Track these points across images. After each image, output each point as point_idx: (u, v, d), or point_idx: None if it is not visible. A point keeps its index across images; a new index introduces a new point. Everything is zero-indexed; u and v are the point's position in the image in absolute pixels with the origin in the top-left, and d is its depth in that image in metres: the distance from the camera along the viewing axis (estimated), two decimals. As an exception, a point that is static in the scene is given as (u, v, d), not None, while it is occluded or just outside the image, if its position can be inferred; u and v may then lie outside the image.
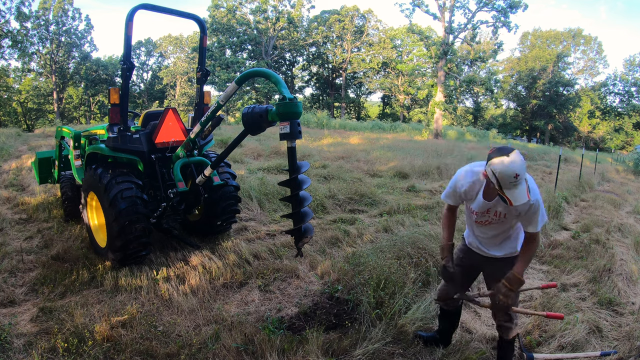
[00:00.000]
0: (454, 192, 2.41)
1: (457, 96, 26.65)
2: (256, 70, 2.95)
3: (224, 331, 2.87)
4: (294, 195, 2.83)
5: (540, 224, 2.21)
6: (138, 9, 3.66)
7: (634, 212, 7.84)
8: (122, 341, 2.71)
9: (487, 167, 2.05)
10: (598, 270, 4.23)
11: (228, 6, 36.03)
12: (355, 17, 40.38)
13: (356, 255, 4.05)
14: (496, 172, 1.98)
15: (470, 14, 23.92)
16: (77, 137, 4.57)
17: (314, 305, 3.27)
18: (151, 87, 44.06)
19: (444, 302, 2.71)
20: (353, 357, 2.63)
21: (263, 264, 4.09)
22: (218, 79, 33.36)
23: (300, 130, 2.71)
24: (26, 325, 2.96)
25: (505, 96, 46.00)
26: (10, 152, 10.46)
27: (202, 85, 4.43)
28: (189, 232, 4.83)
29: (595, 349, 2.93)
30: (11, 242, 4.57)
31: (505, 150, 2.01)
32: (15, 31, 28.66)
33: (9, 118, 34.86)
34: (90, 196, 4.11)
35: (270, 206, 6.06)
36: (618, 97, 44.52)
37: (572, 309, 3.42)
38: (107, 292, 3.45)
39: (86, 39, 37.62)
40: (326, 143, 14.80)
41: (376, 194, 7.01)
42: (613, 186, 11.15)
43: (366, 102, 48.70)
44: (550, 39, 44.46)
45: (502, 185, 1.99)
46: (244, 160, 10.39)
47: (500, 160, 1.97)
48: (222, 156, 3.48)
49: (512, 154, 1.98)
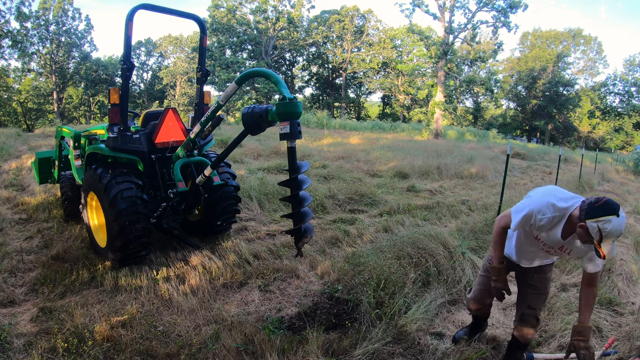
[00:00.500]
0: (528, 221, 2.19)
1: (457, 96, 26.65)
2: (256, 70, 2.95)
3: (224, 331, 2.87)
4: (294, 195, 2.83)
5: (601, 263, 2.17)
6: (138, 9, 3.66)
7: (634, 212, 7.83)
8: (122, 341, 2.71)
9: (590, 221, 1.94)
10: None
11: (228, 6, 36.03)
12: (355, 17, 40.38)
13: (356, 255, 4.05)
14: (605, 230, 1.90)
15: (470, 14, 23.93)
16: (77, 137, 4.57)
17: (314, 305, 3.27)
18: (151, 87, 44.06)
19: (477, 311, 2.79)
20: (353, 357, 2.63)
21: (263, 264, 4.09)
22: (218, 79, 33.37)
23: (300, 130, 2.71)
24: (26, 325, 2.96)
25: (505, 96, 46.01)
26: (10, 152, 10.47)
27: (202, 85, 4.43)
28: (189, 232, 4.83)
29: (595, 349, 2.93)
30: (11, 242, 4.57)
31: (614, 208, 1.93)
32: (15, 31, 28.66)
33: (9, 118, 34.86)
34: (90, 196, 4.11)
35: (270, 206, 6.06)
36: (618, 97, 44.57)
37: (572, 309, 3.42)
38: (107, 292, 3.45)
39: (86, 39, 37.66)
40: (326, 143, 14.80)
41: (376, 194, 7.01)
42: (613, 186, 11.15)
43: (366, 102, 48.70)
44: (550, 39, 44.46)
45: (603, 241, 1.93)
46: (244, 160, 10.39)
47: (610, 220, 1.90)
48: (222, 156, 3.48)
49: (621, 212, 1.93)
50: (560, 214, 2.11)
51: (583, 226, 1.97)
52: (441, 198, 7.38)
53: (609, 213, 1.90)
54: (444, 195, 7.85)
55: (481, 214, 5.98)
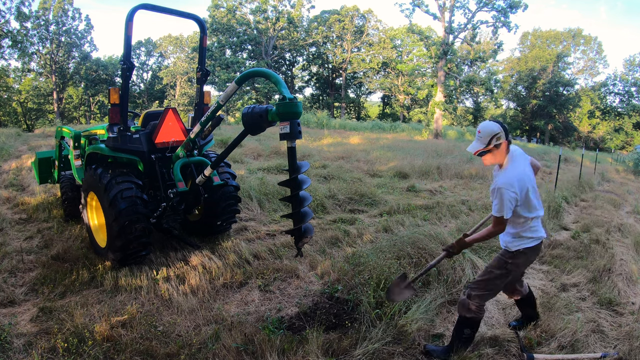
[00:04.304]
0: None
1: (457, 96, 26.63)
2: (256, 70, 2.95)
3: (224, 331, 2.87)
4: (294, 195, 2.83)
5: (497, 210, 2.45)
6: (138, 9, 3.66)
7: (634, 212, 7.83)
8: (122, 341, 2.72)
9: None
10: (598, 270, 4.23)
11: (228, 6, 36.02)
12: (355, 17, 40.37)
13: (356, 255, 4.05)
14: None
15: (470, 14, 23.92)
16: (77, 137, 4.57)
17: (314, 305, 3.27)
18: (151, 87, 44.04)
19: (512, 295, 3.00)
20: (353, 357, 2.63)
21: (263, 264, 4.09)
22: (218, 79, 33.36)
23: (300, 130, 2.72)
24: (26, 325, 2.96)
25: (505, 96, 45.99)
26: (10, 152, 10.46)
27: (202, 85, 4.43)
28: (189, 232, 4.83)
29: (595, 349, 2.93)
30: (11, 242, 4.57)
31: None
32: (15, 31, 28.63)
33: (9, 118, 34.86)
34: (90, 196, 4.11)
35: (270, 206, 6.06)
36: (618, 97, 44.54)
37: (572, 309, 3.42)
38: (107, 292, 3.45)
39: (86, 39, 37.62)
40: (326, 143, 14.80)
41: (376, 194, 7.01)
42: (613, 186, 11.15)
43: (366, 102, 48.69)
44: (550, 39, 44.44)
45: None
46: (244, 160, 10.39)
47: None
48: (222, 156, 3.48)
49: (492, 120, 2.51)
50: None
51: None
52: (441, 198, 7.38)
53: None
54: (444, 195, 7.85)
55: (481, 214, 5.99)
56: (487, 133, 2.47)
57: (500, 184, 2.42)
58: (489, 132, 2.47)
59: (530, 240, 2.58)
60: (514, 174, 2.45)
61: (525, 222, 2.56)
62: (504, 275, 2.62)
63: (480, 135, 2.50)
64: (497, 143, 2.48)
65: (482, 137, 2.49)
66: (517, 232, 2.60)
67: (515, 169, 2.48)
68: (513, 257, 2.60)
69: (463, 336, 2.67)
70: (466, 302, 2.63)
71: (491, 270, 2.65)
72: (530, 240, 2.59)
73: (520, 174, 2.47)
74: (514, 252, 2.60)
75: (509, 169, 2.50)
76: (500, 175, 2.49)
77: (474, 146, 2.53)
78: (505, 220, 2.47)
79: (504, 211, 2.42)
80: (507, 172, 2.48)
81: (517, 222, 2.57)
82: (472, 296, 2.62)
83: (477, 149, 2.51)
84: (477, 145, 2.51)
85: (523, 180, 2.46)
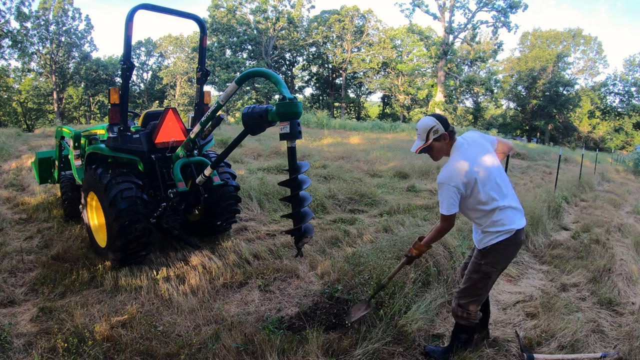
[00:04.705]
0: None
1: (457, 96, 26.66)
2: (256, 70, 2.95)
3: (224, 331, 2.87)
4: (294, 195, 2.83)
5: (441, 206, 2.38)
6: (138, 9, 3.66)
7: (634, 212, 7.84)
8: (122, 341, 2.71)
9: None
10: (598, 270, 4.23)
11: (228, 6, 36.03)
12: (355, 17, 40.37)
13: (356, 255, 4.05)
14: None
15: (470, 14, 23.95)
16: (77, 137, 4.57)
17: (314, 305, 3.27)
18: (151, 87, 44.05)
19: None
20: (353, 357, 2.63)
21: (263, 264, 4.09)
22: (218, 79, 33.38)
23: (300, 130, 2.72)
24: (26, 325, 2.96)
25: (505, 96, 46.00)
26: (10, 152, 10.46)
27: (202, 85, 4.43)
28: (189, 232, 4.83)
29: (595, 349, 2.93)
30: (11, 242, 4.57)
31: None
32: (15, 31, 28.66)
33: (9, 118, 34.87)
34: (90, 196, 4.11)
35: (270, 206, 6.06)
36: (618, 97, 44.57)
37: (572, 309, 3.42)
38: (107, 292, 3.45)
39: (86, 39, 37.66)
40: (326, 143, 14.79)
41: (376, 194, 7.01)
42: (613, 186, 11.15)
43: (366, 102, 48.69)
44: (550, 39, 44.46)
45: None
46: (244, 160, 10.39)
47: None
48: (222, 156, 3.48)
49: (430, 114, 2.47)
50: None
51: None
52: (441, 198, 7.36)
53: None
54: (444, 195, 7.83)
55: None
56: (423, 128, 2.41)
57: (440, 179, 2.36)
58: (425, 127, 2.40)
59: (497, 235, 2.38)
60: (455, 166, 2.34)
61: (486, 216, 2.40)
62: (483, 279, 2.47)
63: (418, 132, 2.44)
64: (436, 136, 2.40)
65: (420, 133, 2.43)
66: (481, 228, 2.47)
67: (457, 161, 2.36)
68: (483, 256, 2.46)
69: (461, 340, 2.64)
70: (457, 310, 2.56)
71: (470, 276, 2.53)
72: (498, 234, 2.39)
73: (464, 165, 2.33)
74: (482, 251, 2.46)
75: (450, 161, 2.41)
76: (442, 169, 2.40)
77: (415, 145, 2.46)
78: (451, 216, 2.37)
79: (444, 207, 2.34)
80: (447, 165, 2.39)
81: (476, 216, 2.45)
82: (461, 304, 2.54)
83: (418, 147, 2.44)
84: (418, 143, 2.45)
85: (468, 171, 2.31)
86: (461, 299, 2.54)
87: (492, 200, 2.37)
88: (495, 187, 2.39)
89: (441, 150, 2.47)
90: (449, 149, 2.47)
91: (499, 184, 2.42)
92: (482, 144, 2.50)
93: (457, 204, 2.35)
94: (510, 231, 2.39)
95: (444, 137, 2.42)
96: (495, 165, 2.45)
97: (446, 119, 2.46)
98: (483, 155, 2.43)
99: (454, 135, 2.47)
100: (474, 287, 2.50)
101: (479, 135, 2.59)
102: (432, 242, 2.67)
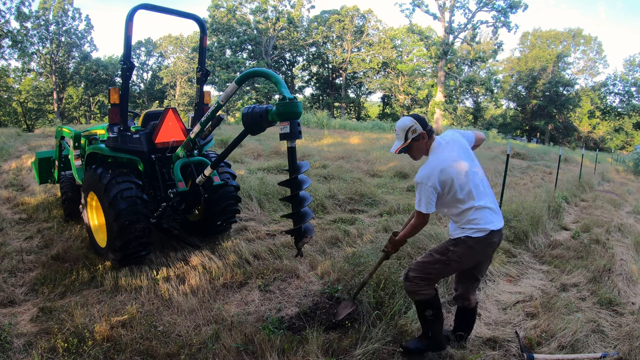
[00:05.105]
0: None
1: (457, 96, 26.67)
2: (256, 70, 2.95)
3: (224, 331, 2.87)
4: (294, 195, 2.83)
5: (416, 203, 2.42)
6: (138, 9, 3.66)
7: (634, 212, 7.83)
8: (122, 341, 2.71)
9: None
10: (598, 270, 4.23)
11: (228, 6, 36.03)
12: (355, 17, 40.37)
13: (356, 255, 4.05)
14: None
15: (470, 14, 23.94)
16: (77, 137, 4.57)
17: (314, 305, 3.27)
18: (151, 87, 44.06)
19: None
20: (353, 357, 2.63)
21: (263, 264, 4.09)
22: (218, 79, 33.37)
23: (300, 130, 2.72)
24: (26, 325, 2.96)
25: (505, 96, 46.00)
26: (10, 152, 10.46)
27: (202, 85, 4.42)
28: (189, 232, 4.83)
29: (595, 349, 2.93)
30: (11, 242, 4.57)
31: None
32: (15, 31, 28.66)
33: (9, 118, 34.87)
34: (90, 196, 4.11)
35: (270, 206, 6.06)
36: (618, 97, 44.57)
37: (572, 309, 3.42)
38: (107, 292, 3.45)
39: (86, 39, 37.67)
40: (326, 143, 14.79)
41: (376, 194, 7.01)
42: (613, 186, 11.15)
43: (366, 102, 48.69)
44: (550, 39, 44.47)
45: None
46: (244, 160, 10.39)
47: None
48: (222, 156, 3.48)
49: (409, 115, 2.51)
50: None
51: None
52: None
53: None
54: (444, 195, 7.83)
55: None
56: (401, 128, 2.45)
57: (417, 178, 2.39)
58: (404, 127, 2.44)
59: (473, 231, 2.40)
60: (432, 166, 2.37)
61: (462, 214, 2.43)
62: (443, 262, 2.47)
63: (397, 133, 2.48)
64: (414, 136, 2.44)
65: (398, 134, 2.48)
66: (456, 224, 2.49)
67: (434, 160, 2.40)
68: (455, 244, 2.46)
69: (428, 319, 2.57)
70: (406, 284, 2.57)
71: (432, 253, 2.55)
72: (473, 231, 2.40)
73: (441, 164, 2.36)
74: (456, 239, 2.47)
75: (428, 160, 2.44)
76: (420, 169, 2.43)
77: (395, 145, 2.50)
78: (426, 214, 2.41)
79: (422, 206, 2.38)
80: (425, 165, 2.42)
81: (454, 212, 2.47)
82: (409, 277, 2.53)
83: (397, 147, 2.48)
84: (397, 143, 2.49)
85: (445, 170, 2.34)
86: (411, 271, 2.55)
87: (469, 199, 2.40)
88: (473, 187, 2.41)
89: (420, 149, 2.52)
90: (427, 148, 2.50)
91: (477, 184, 2.44)
92: (461, 144, 2.54)
93: (434, 202, 2.39)
94: (485, 230, 2.41)
95: (422, 136, 2.46)
96: (473, 165, 2.49)
97: (424, 119, 2.50)
98: (461, 155, 2.47)
99: (432, 135, 2.50)
100: (429, 265, 2.51)
101: (459, 133, 2.62)
102: (407, 238, 2.70)
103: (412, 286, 2.53)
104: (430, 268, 2.51)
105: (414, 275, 2.53)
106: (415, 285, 2.52)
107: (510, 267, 4.32)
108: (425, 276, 2.51)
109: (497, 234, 2.46)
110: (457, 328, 2.87)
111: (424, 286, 2.52)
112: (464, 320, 2.85)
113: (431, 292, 2.54)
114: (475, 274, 2.67)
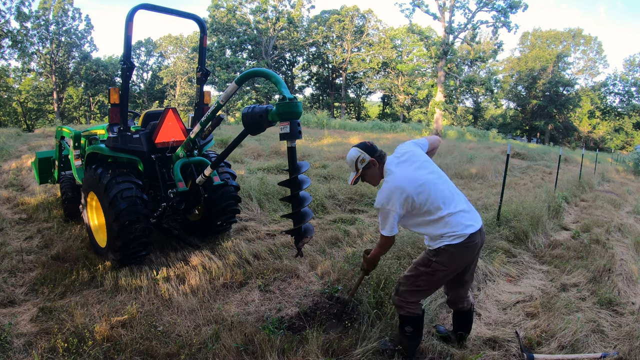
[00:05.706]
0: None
1: (457, 96, 26.67)
2: (256, 70, 2.95)
3: (224, 331, 2.87)
4: (294, 195, 2.83)
5: (382, 228, 2.45)
6: (138, 9, 3.66)
7: (634, 212, 7.83)
8: (122, 341, 2.71)
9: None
10: (598, 270, 4.23)
11: (228, 6, 36.03)
12: (355, 17, 40.38)
13: (356, 255, 4.05)
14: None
15: (470, 14, 23.93)
16: (77, 137, 4.57)
17: (314, 305, 3.27)
18: (151, 87, 44.05)
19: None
20: (353, 356, 2.63)
21: (263, 264, 4.09)
22: (218, 79, 33.37)
23: (300, 130, 2.71)
24: (26, 325, 2.96)
25: (505, 96, 46.00)
26: (10, 152, 10.46)
27: (202, 85, 4.42)
28: (189, 232, 4.83)
29: (595, 349, 2.93)
30: (11, 242, 4.57)
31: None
32: (15, 31, 28.66)
33: (9, 118, 34.87)
34: (90, 196, 4.11)
35: (270, 206, 6.06)
36: (618, 97, 44.56)
37: (572, 309, 3.42)
38: (107, 292, 3.45)
39: (86, 39, 37.66)
40: (326, 143, 14.79)
41: (376, 194, 7.00)
42: (613, 186, 11.15)
43: (366, 102, 48.70)
44: (550, 39, 44.46)
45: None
46: (244, 160, 10.39)
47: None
48: (222, 156, 3.48)
49: (355, 145, 2.55)
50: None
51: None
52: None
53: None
54: (444, 195, 7.83)
55: (481, 214, 5.97)
56: (351, 160, 2.52)
57: (377, 204, 2.41)
58: (352, 159, 2.51)
59: (452, 238, 2.35)
60: (389, 188, 2.36)
61: (435, 223, 2.38)
62: (429, 274, 2.43)
63: (349, 165, 2.56)
64: (363, 165, 2.49)
65: (350, 166, 2.55)
66: (431, 235, 2.43)
67: (391, 181, 2.38)
68: (436, 254, 2.41)
69: (406, 334, 2.55)
70: (394, 298, 2.56)
71: (416, 267, 2.50)
72: (451, 237, 2.35)
73: (398, 184, 2.34)
74: (436, 249, 2.41)
75: (384, 185, 2.43)
76: (377, 193, 2.42)
77: (350, 177, 2.59)
78: (390, 236, 2.44)
79: (386, 229, 2.42)
80: (382, 189, 2.41)
81: (424, 224, 2.42)
82: (400, 292, 2.52)
83: (352, 178, 2.56)
84: (352, 175, 2.57)
85: (403, 189, 2.32)
86: (401, 286, 2.55)
87: (436, 210, 2.36)
88: (439, 195, 2.37)
89: (374, 176, 2.55)
90: (381, 172, 2.52)
91: (442, 190, 2.40)
92: (414, 153, 2.52)
93: (396, 225, 2.41)
94: (464, 235, 2.35)
95: (372, 163, 2.50)
96: (433, 174, 2.45)
97: (372, 146, 2.53)
98: (417, 168, 2.44)
99: (382, 159, 2.51)
100: (417, 279, 2.49)
101: (412, 144, 2.63)
102: (379, 256, 2.77)
103: (399, 301, 2.54)
104: (418, 281, 2.49)
105: (404, 290, 2.52)
106: (403, 300, 2.52)
107: (510, 267, 4.32)
108: (415, 289, 2.50)
109: (478, 234, 2.41)
110: (457, 329, 2.88)
111: (415, 300, 2.52)
112: (461, 322, 2.85)
113: (417, 312, 2.53)
114: (462, 278, 2.63)
